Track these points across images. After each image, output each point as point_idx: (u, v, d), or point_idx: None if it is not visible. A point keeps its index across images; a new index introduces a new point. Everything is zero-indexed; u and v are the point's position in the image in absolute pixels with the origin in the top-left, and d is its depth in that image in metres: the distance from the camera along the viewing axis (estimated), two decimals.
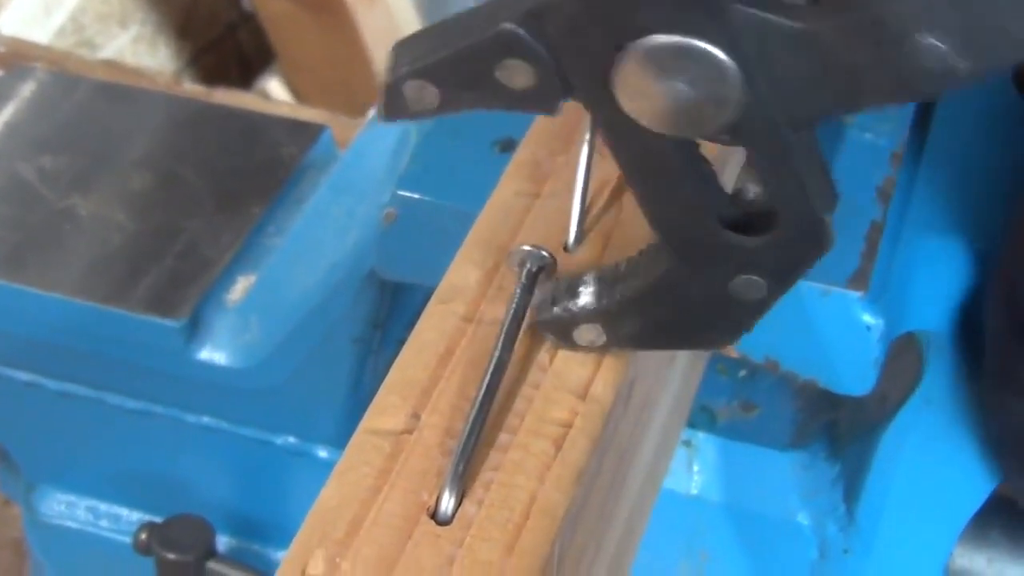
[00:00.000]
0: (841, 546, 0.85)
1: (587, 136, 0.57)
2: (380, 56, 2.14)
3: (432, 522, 0.48)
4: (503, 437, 0.51)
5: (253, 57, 2.30)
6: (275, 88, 2.22)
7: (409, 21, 2.16)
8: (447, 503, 0.49)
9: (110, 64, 1.44)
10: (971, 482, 0.82)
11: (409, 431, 0.51)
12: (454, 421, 0.51)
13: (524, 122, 0.65)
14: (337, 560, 0.47)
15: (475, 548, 0.48)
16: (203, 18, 2.24)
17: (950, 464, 0.82)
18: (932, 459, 0.82)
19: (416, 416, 0.51)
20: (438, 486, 0.49)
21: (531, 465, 0.50)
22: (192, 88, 1.24)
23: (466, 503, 0.49)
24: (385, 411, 0.52)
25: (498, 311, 0.55)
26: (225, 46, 2.28)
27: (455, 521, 0.48)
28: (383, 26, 2.13)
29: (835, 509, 0.85)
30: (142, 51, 2.15)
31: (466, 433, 0.50)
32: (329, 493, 0.49)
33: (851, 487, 0.85)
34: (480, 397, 0.50)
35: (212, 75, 2.16)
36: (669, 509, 0.86)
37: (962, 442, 0.81)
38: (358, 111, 1.57)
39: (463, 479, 0.49)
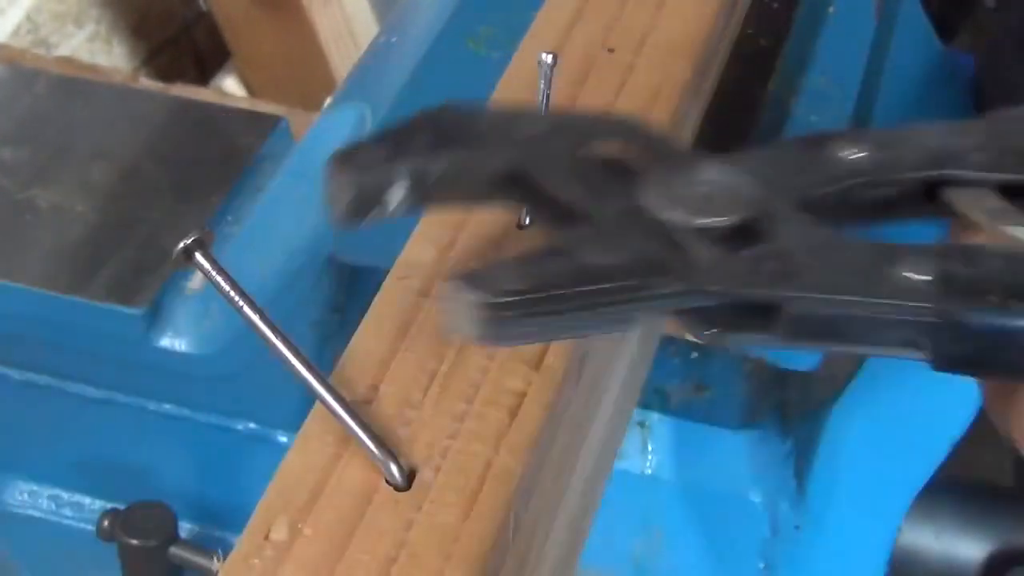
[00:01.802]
0: (792, 522, 0.87)
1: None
2: (336, 54, 2.15)
3: (391, 488, 0.50)
4: (460, 407, 0.52)
5: (209, 55, 2.30)
6: (231, 86, 2.23)
7: (365, 20, 2.17)
8: (395, 472, 0.50)
9: (67, 61, 1.45)
10: (917, 458, 0.85)
11: (368, 401, 0.53)
12: (411, 392, 0.53)
13: None
14: (299, 525, 0.49)
15: (433, 513, 0.49)
16: (158, 16, 2.24)
17: (896, 441, 0.84)
18: (880, 436, 0.84)
19: (375, 387, 0.53)
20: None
21: (487, 433, 0.52)
22: (149, 84, 1.25)
23: (424, 470, 0.50)
24: (344, 382, 0.53)
25: None
26: (181, 44, 2.28)
27: (414, 487, 0.50)
28: (338, 24, 2.15)
29: (786, 486, 0.87)
30: (98, 50, 2.15)
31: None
32: (291, 461, 0.51)
33: (801, 464, 0.87)
34: None
35: (168, 73, 2.16)
36: (624, 488, 0.88)
37: (909, 419, 0.83)
38: (314, 108, 1.58)
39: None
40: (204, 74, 2.27)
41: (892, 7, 0.82)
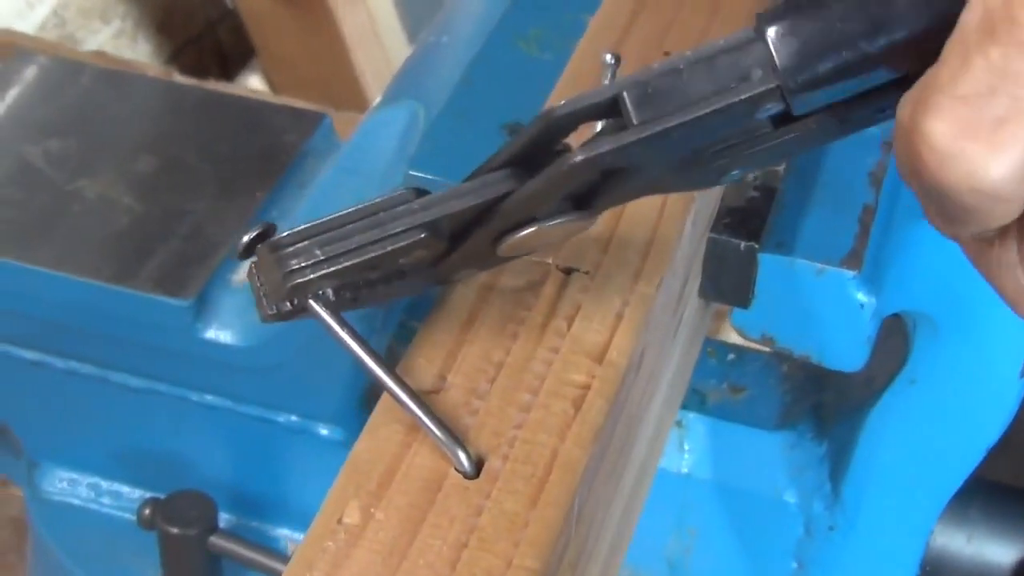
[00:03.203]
0: (826, 523, 0.88)
1: None
2: (360, 54, 2.16)
3: (460, 476, 0.51)
4: (526, 398, 0.53)
5: (233, 54, 2.31)
6: (255, 85, 2.24)
7: (389, 19, 2.19)
8: (464, 461, 0.51)
9: (101, 55, 1.46)
10: (952, 462, 0.86)
11: (436, 391, 0.54)
12: (478, 382, 0.54)
13: (532, 106, 0.67)
14: (371, 510, 0.50)
15: (501, 500, 0.50)
16: (183, 14, 2.26)
17: (932, 444, 0.85)
18: (915, 439, 0.85)
19: (443, 377, 0.54)
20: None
21: (552, 424, 0.53)
22: (185, 80, 1.26)
23: (492, 458, 0.52)
24: (413, 372, 0.54)
25: (515, 281, 0.58)
26: (205, 42, 2.30)
27: (482, 475, 0.51)
28: (363, 23, 2.16)
29: (821, 487, 0.88)
30: (123, 46, 2.16)
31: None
32: (362, 447, 0.52)
33: (837, 466, 0.88)
34: None
35: (192, 71, 2.18)
36: (660, 487, 0.89)
37: (944, 423, 0.84)
38: (337, 107, 1.59)
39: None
40: (228, 72, 2.29)
41: None
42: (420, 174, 0.74)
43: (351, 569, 0.48)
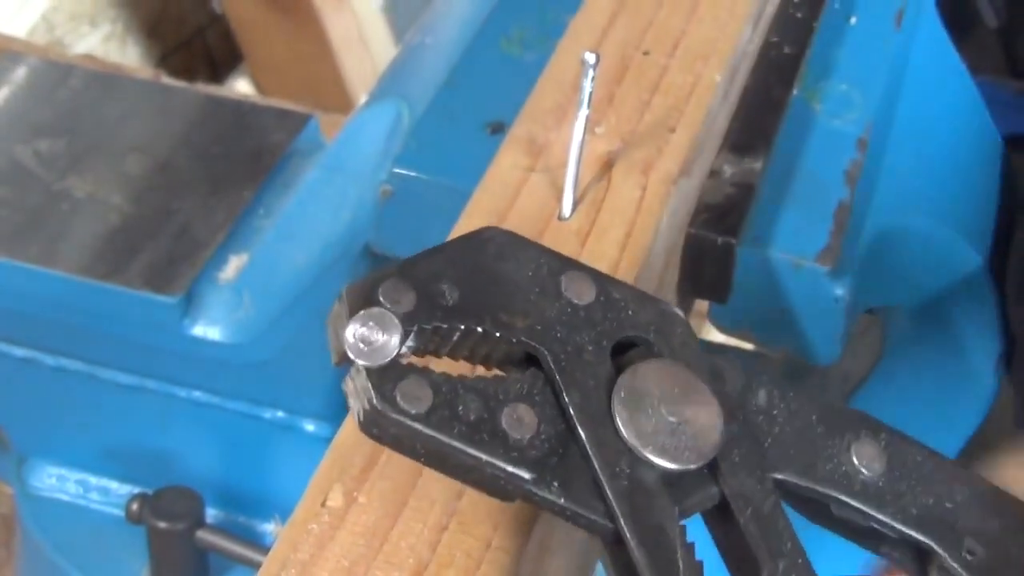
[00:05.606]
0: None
1: (581, 112, 0.61)
2: (347, 59, 2.18)
3: None
4: None
5: (221, 59, 2.33)
6: (243, 89, 2.25)
7: (376, 24, 2.20)
8: None
9: (91, 58, 1.47)
10: None
11: None
12: (460, 371, 0.55)
13: (514, 106, 0.69)
14: (355, 494, 0.51)
15: None
16: (173, 19, 2.27)
17: None
18: None
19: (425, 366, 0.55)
20: None
21: None
22: (174, 82, 1.27)
23: None
24: None
25: None
26: (194, 47, 2.31)
27: None
28: (350, 29, 2.17)
29: None
30: (112, 50, 2.17)
31: None
32: (346, 433, 0.53)
33: None
34: None
35: (181, 76, 2.18)
36: None
37: (921, 417, 0.85)
38: (324, 111, 1.60)
39: None
40: (216, 76, 2.30)
41: (912, 18, 0.85)
42: (404, 171, 0.75)
43: (335, 551, 0.50)
